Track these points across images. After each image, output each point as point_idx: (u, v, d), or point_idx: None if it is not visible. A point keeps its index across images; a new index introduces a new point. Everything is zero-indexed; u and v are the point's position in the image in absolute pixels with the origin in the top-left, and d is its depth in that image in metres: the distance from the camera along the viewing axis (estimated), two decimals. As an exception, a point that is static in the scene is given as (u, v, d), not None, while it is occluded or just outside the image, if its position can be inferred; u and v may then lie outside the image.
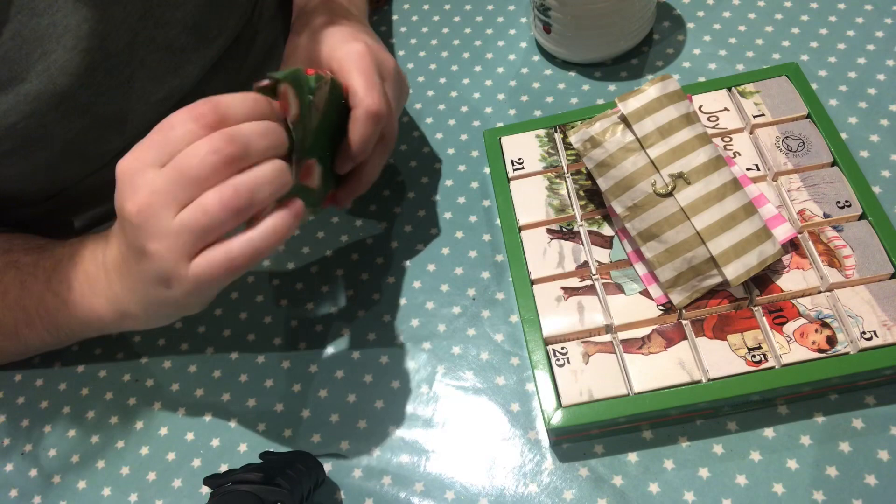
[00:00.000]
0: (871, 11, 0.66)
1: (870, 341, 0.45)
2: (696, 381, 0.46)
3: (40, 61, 0.51)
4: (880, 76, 0.62)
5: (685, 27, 0.69)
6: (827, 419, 0.48)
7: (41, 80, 0.52)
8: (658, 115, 0.48)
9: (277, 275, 0.62)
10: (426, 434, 0.53)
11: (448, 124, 0.68)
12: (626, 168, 0.48)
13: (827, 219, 0.50)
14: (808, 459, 0.47)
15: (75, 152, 0.58)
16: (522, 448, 0.51)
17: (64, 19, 0.52)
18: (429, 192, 0.64)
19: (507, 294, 0.57)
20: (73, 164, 0.59)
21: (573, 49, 0.66)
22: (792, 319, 0.47)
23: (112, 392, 0.59)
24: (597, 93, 0.66)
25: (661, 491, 0.47)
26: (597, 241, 0.53)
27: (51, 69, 0.52)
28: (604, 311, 0.50)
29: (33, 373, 0.61)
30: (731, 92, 0.58)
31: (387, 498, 0.50)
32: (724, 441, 0.48)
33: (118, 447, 0.56)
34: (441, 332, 0.57)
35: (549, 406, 0.47)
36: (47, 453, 0.57)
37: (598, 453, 0.49)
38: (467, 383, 0.54)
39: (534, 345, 0.49)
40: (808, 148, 0.54)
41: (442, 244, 0.61)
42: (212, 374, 0.58)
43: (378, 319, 0.58)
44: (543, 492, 0.49)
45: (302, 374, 0.57)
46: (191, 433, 0.56)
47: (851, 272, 0.48)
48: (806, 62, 0.64)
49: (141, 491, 0.54)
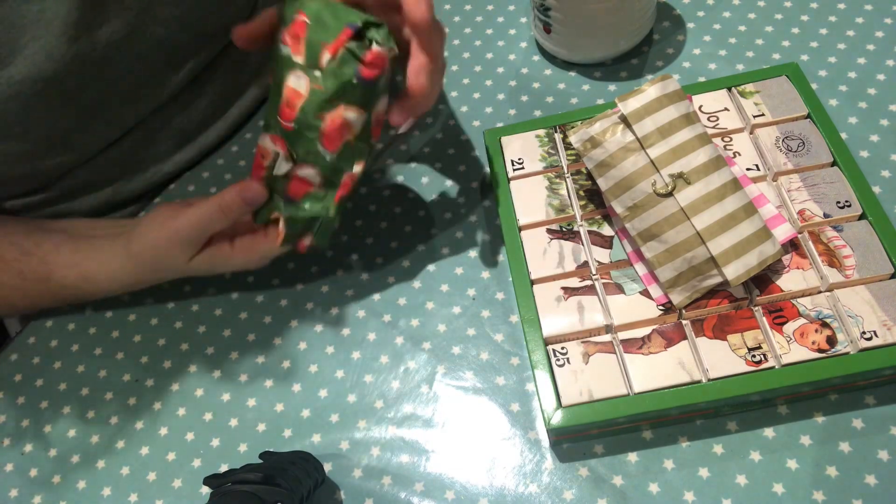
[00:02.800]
0: (871, 11, 0.66)
1: (870, 341, 0.45)
2: (696, 381, 0.46)
3: (27, 47, 0.52)
4: (880, 76, 0.62)
5: (685, 27, 0.69)
6: (827, 419, 0.48)
7: (26, 64, 0.52)
8: (658, 115, 0.48)
9: (277, 275, 0.62)
10: (426, 434, 0.53)
11: (448, 124, 0.68)
12: (626, 168, 0.48)
13: (827, 219, 0.50)
14: (808, 459, 0.47)
15: (58, 141, 0.58)
16: (522, 448, 0.51)
17: (54, 6, 0.52)
18: (429, 192, 0.64)
19: (507, 294, 0.57)
20: (57, 153, 0.59)
21: (573, 49, 0.66)
22: (792, 319, 0.47)
23: (112, 392, 0.59)
24: (597, 93, 0.66)
25: (661, 491, 0.47)
26: (597, 241, 0.53)
27: (37, 55, 0.52)
28: (604, 311, 0.50)
29: (33, 373, 0.61)
30: (731, 92, 0.58)
31: (387, 498, 0.50)
32: (724, 441, 0.48)
33: (118, 447, 0.56)
34: (441, 332, 0.57)
35: (549, 406, 0.47)
36: (47, 453, 0.57)
37: (598, 453, 0.49)
38: (467, 383, 0.54)
39: (534, 345, 0.49)
40: (808, 148, 0.54)
41: (442, 244, 0.61)
42: (212, 374, 0.58)
43: (378, 319, 0.58)
44: (543, 492, 0.49)
45: (302, 374, 0.57)
46: (191, 433, 0.56)
47: (851, 272, 0.48)
48: (806, 62, 0.64)
49: (141, 491, 0.54)
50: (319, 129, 0.47)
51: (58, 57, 0.53)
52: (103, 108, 0.59)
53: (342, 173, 0.50)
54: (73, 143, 0.59)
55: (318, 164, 0.49)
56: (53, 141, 0.58)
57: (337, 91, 0.45)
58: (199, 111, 0.68)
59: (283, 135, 0.48)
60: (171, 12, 0.59)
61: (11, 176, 0.59)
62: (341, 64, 0.45)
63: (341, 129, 0.47)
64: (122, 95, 0.60)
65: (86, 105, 0.58)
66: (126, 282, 0.57)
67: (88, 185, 0.65)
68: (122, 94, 0.60)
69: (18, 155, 0.57)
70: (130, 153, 0.65)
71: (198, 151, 0.70)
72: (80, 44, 0.54)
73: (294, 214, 0.51)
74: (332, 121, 0.46)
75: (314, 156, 0.48)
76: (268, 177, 0.50)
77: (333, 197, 0.50)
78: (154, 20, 0.58)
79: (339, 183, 0.50)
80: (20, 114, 0.54)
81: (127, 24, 0.56)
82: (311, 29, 0.45)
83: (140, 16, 0.57)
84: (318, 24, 0.45)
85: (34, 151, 0.58)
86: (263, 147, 0.50)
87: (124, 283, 0.57)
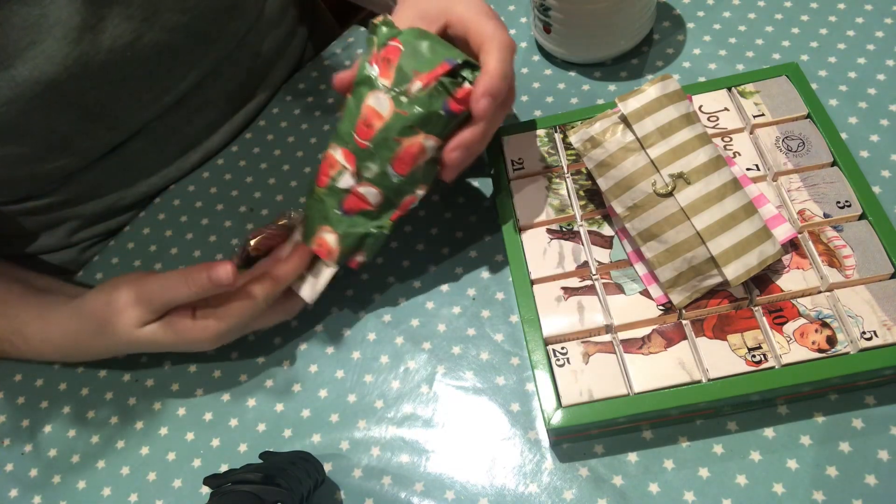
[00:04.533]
0: (871, 11, 0.66)
1: (870, 341, 0.45)
2: (696, 381, 0.46)
3: (29, 50, 0.52)
4: (880, 76, 0.62)
5: (685, 27, 0.69)
6: (827, 419, 0.48)
7: (27, 67, 0.52)
8: (658, 115, 0.48)
9: (277, 275, 0.62)
10: (426, 434, 0.53)
11: (448, 124, 0.68)
12: (626, 168, 0.48)
13: (827, 219, 0.50)
14: (808, 459, 0.47)
15: (59, 144, 0.58)
16: (522, 448, 0.51)
17: (56, 11, 0.52)
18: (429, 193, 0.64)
19: (507, 294, 0.57)
20: (58, 157, 0.59)
21: (573, 49, 0.66)
22: (792, 319, 0.47)
23: (112, 392, 0.59)
24: (597, 93, 0.66)
25: (661, 491, 0.47)
26: (597, 241, 0.53)
27: (38, 58, 0.52)
28: (604, 311, 0.50)
29: (33, 373, 0.61)
30: (731, 92, 0.58)
31: (387, 498, 0.50)
32: (724, 441, 0.48)
33: (118, 447, 0.56)
34: (441, 332, 0.57)
35: (549, 406, 0.47)
36: (47, 453, 0.57)
37: (598, 453, 0.49)
38: (467, 383, 0.54)
39: (534, 345, 0.49)
40: (808, 148, 0.54)
41: (442, 244, 0.61)
42: (212, 374, 0.58)
43: (378, 319, 0.58)
44: (543, 492, 0.49)
45: (302, 374, 0.57)
46: (191, 433, 0.56)
47: (851, 272, 0.48)
48: (806, 62, 0.64)
49: (141, 491, 0.54)
50: (395, 151, 0.48)
51: (59, 60, 0.53)
52: (105, 112, 0.59)
53: (404, 196, 0.51)
54: (74, 147, 0.59)
55: (382, 186, 0.50)
56: (54, 144, 0.58)
57: (422, 119, 0.47)
58: (204, 117, 0.68)
59: (354, 151, 0.49)
60: (177, 19, 0.59)
61: (12, 179, 0.59)
62: (431, 95, 0.47)
63: (416, 155, 0.48)
64: (124, 100, 0.60)
65: (87, 109, 0.57)
66: (60, 343, 0.55)
67: (92, 189, 0.65)
68: (125, 99, 0.60)
69: (19, 158, 0.57)
70: (134, 158, 0.65)
71: (202, 157, 0.70)
72: (82, 48, 0.54)
73: (349, 231, 0.52)
74: (409, 146, 0.48)
75: (381, 177, 0.49)
76: (329, 186, 0.51)
77: (390, 216, 0.52)
78: (159, 26, 0.58)
79: (398, 205, 0.51)
80: (21, 116, 0.54)
81: (131, 30, 0.56)
82: (405, 56, 0.47)
83: (145, 22, 0.57)
84: (413, 53, 0.47)
85: (35, 155, 0.58)
86: (333, 157, 0.50)
87: (58, 344, 0.56)
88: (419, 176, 0.50)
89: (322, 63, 0.76)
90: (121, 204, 0.68)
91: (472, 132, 0.48)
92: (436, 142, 0.48)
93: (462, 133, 0.48)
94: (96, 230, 0.69)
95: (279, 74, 0.74)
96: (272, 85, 0.74)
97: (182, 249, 0.65)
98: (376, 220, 0.52)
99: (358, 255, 0.53)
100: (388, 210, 0.51)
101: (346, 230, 0.51)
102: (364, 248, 0.52)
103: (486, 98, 0.46)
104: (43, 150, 0.58)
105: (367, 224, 0.51)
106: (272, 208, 0.66)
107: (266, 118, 0.73)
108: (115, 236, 0.69)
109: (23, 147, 0.56)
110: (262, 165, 0.69)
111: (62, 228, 0.68)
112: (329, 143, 0.51)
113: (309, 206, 0.53)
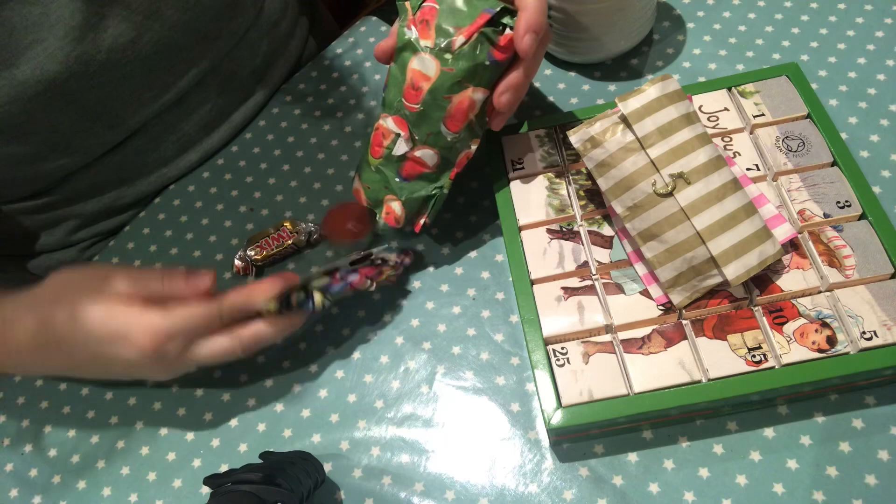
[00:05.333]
0: (871, 11, 0.66)
1: (870, 341, 0.45)
2: (696, 381, 0.46)
3: (30, 48, 0.52)
4: (880, 76, 0.62)
5: (685, 27, 0.69)
6: (827, 419, 0.48)
7: (29, 66, 0.52)
8: (658, 115, 0.48)
9: (277, 275, 0.62)
10: (426, 434, 0.53)
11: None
12: (626, 168, 0.48)
13: (827, 219, 0.50)
14: (808, 459, 0.47)
15: (60, 143, 0.58)
16: (522, 448, 0.51)
17: (57, 9, 0.52)
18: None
19: (507, 294, 0.57)
20: (59, 156, 0.59)
21: (573, 49, 0.66)
22: (792, 319, 0.47)
23: (112, 392, 0.59)
24: (597, 93, 0.66)
25: (661, 491, 0.47)
26: (597, 241, 0.53)
27: (39, 57, 0.52)
28: (604, 311, 0.50)
29: (33, 373, 0.61)
30: (731, 92, 0.58)
31: (387, 498, 0.50)
32: (724, 441, 0.48)
33: (118, 447, 0.56)
34: (441, 332, 0.57)
35: (549, 406, 0.47)
36: (47, 453, 0.57)
37: (598, 453, 0.49)
38: (467, 383, 0.54)
39: (534, 345, 0.49)
40: (808, 148, 0.54)
41: (442, 244, 0.61)
42: (212, 374, 0.58)
43: (378, 319, 0.58)
44: (543, 492, 0.49)
45: (302, 374, 0.57)
46: (191, 433, 0.56)
47: (851, 272, 0.48)
48: (806, 62, 0.64)
49: (141, 491, 0.54)
50: (446, 109, 0.49)
51: (60, 59, 0.53)
52: (106, 111, 0.59)
53: (459, 153, 0.52)
54: (75, 145, 0.59)
55: (437, 146, 0.51)
56: (55, 143, 0.58)
57: (468, 72, 0.48)
58: (203, 115, 0.68)
59: (405, 117, 0.50)
60: (178, 17, 0.59)
61: (13, 178, 0.59)
62: (475, 47, 0.48)
63: (467, 110, 0.49)
64: (125, 99, 0.60)
65: (88, 108, 0.58)
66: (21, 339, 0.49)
67: (92, 188, 0.65)
68: (126, 98, 0.60)
69: (20, 157, 0.57)
70: (134, 157, 0.65)
71: (201, 155, 0.70)
72: (83, 46, 0.54)
73: (411, 196, 0.53)
74: (459, 102, 0.49)
75: (436, 137, 0.51)
76: (385, 156, 0.52)
77: (448, 175, 0.53)
78: (160, 24, 0.58)
79: (454, 162, 0.53)
80: (23, 115, 0.54)
81: (132, 29, 0.56)
82: (442, 14, 0.48)
83: (146, 20, 0.57)
84: (450, 10, 0.48)
85: (36, 153, 0.58)
86: (385, 127, 0.52)
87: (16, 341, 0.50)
88: (472, 130, 0.51)
89: (322, 63, 0.76)
90: (120, 203, 0.68)
91: (518, 73, 0.49)
92: (483, 93, 0.50)
93: (508, 76, 0.50)
94: (96, 230, 0.69)
95: (279, 73, 0.74)
96: (272, 84, 0.74)
97: (182, 249, 0.65)
98: (436, 182, 0.53)
99: (421, 217, 0.54)
100: (447, 169, 0.53)
101: (409, 196, 0.53)
102: (427, 210, 0.54)
103: (529, 34, 0.47)
104: (44, 149, 0.58)
105: (428, 186, 0.53)
106: (272, 208, 0.66)
107: (266, 118, 0.73)
108: (115, 236, 0.69)
109: (24, 146, 0.56)
110: (262, 165, 0.69)
111: (62, 228, 0.68)
112: (379, 114, 0.52)
113: (367, 179, 0.54)
